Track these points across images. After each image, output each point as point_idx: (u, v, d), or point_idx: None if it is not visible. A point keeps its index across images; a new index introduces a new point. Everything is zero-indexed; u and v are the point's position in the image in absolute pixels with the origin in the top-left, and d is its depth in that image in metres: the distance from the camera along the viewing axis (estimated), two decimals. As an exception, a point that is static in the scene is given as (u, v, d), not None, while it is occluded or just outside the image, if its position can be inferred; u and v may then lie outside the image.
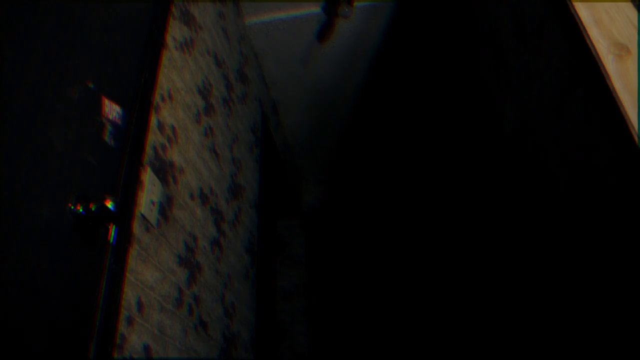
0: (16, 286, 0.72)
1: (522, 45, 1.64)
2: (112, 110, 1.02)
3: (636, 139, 0.90)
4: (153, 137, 1.22)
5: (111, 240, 0.96)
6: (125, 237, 1.01)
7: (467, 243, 2.55)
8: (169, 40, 1.39)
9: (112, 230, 0.97)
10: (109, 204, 0.88)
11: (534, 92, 1.59)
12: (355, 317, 3.32)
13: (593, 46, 1.06)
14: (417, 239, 3.50)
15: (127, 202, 1.04)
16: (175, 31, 1.46)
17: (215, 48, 1.89)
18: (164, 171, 1.28)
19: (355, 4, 2.45)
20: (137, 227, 1.09)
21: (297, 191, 3.85)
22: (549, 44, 1.39)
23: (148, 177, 1.16)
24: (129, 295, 1.02)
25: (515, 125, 1.80)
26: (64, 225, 0.84)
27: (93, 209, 0.88)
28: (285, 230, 3.82)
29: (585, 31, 1.08)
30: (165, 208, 1.26)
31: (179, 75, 1.46)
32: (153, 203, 1.17)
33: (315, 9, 2.49)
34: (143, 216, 1.12)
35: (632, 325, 1.12)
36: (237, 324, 1.75)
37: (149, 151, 1.19)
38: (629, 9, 1.11)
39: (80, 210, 0.87)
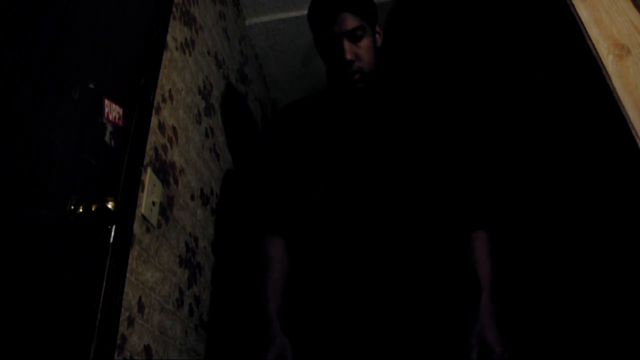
0: (17, 287, 0.73)
1: (524, 46, 1.64)
2: (112, 110, 1.02)
3: (637, 140, 0.90)
4: (154, 138, 1.22)
5: (111, 241, 0.96)
6: (126, 238, 1.01)
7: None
8: (169, 40, 1.39)
9: (113, 231, 0.97)
10: (110, 205, 0.88)
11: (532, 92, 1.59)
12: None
13: (593, 46, 1.06)
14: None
15: (128, 203, 1.04)
16: (175, 32, 1.46)
17: (215, 48, 1.89)
18: (165, 172, 1.28)
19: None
20: (137, 228, 1.09)
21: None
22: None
23: (148, 177, 1.16)
24: (130, 295, 1.02)
25: (518, 125, 1.80)
26: (64, 226, 0.85)
27: (93, 209, 0.88)
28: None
29: (586, 31, 1.08)
30: (165, 209, 1.26)
31: (179, 76, 1.46)
32: (154, 204, 1.17)
33: (315, 9, 2.49)
34: (143, 217, 1.12)
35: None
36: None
37: (149, 152, 1.19)
38: (629, 9, 1.11)
39: (81, 211, 0.87)
